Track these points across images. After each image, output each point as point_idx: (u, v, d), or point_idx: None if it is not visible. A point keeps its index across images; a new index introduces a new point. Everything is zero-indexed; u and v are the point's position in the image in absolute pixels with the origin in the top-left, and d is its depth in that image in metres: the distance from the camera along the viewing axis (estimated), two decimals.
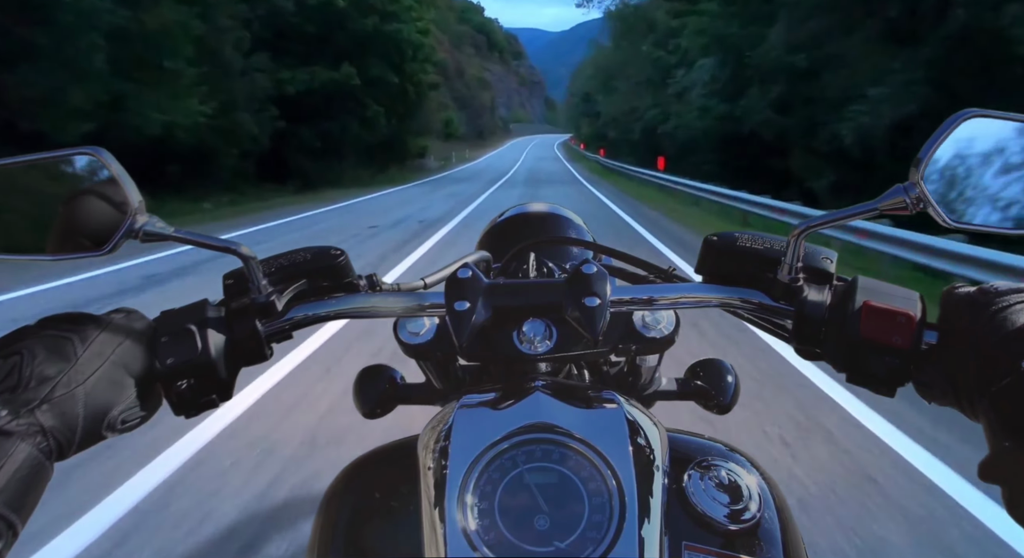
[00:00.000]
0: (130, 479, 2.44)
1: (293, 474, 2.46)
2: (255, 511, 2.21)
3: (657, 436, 0.53)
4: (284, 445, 2.69)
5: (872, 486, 2.39)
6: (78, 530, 2.12)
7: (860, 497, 2.31)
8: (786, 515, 0.56)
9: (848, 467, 2.52)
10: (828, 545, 2.03)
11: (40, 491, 0.44)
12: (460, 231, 9.55)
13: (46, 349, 0.47)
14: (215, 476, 2.46)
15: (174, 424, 2.31)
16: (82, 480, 2.41)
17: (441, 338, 0.76)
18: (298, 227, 10.74)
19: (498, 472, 0.47)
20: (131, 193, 0.52)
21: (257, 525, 2.13)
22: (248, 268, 0.57)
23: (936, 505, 2.27)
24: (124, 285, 5.95)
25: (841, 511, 2.22)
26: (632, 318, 0.72)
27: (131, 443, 2.60)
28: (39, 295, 5.57)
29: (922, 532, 2.12)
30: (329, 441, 2.72)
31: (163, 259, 7.20)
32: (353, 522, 0.59)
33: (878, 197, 0.53)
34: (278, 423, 2.91)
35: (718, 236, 0.62)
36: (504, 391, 0.56)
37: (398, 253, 7.64)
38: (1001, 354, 0.44)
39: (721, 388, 0.85)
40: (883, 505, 2.27)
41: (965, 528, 2.14)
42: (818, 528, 2.10)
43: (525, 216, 1.07)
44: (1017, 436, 0.42)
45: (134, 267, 6.78)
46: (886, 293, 0.52)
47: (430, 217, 11.62)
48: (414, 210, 13.11)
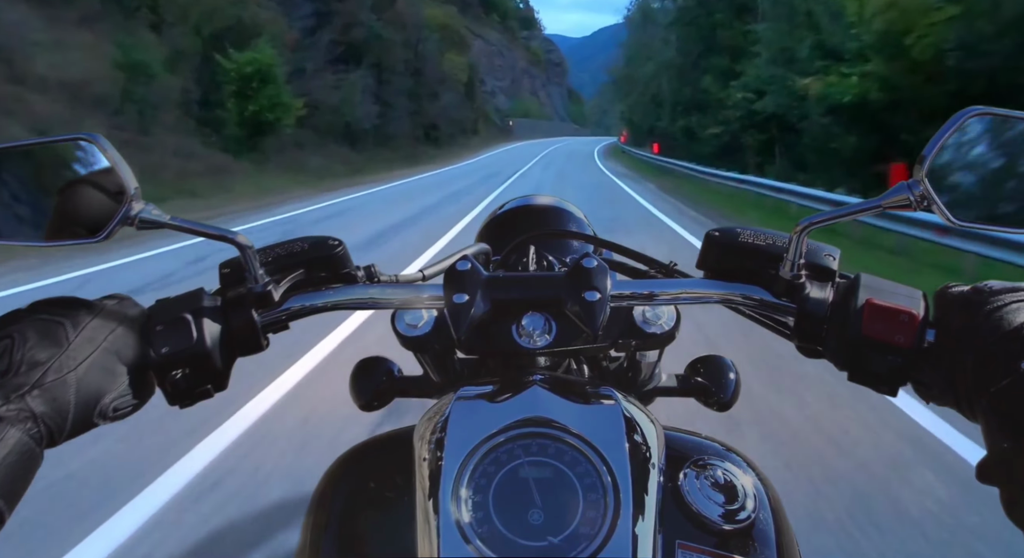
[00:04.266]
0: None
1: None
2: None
3: (654, 433, 0.53)
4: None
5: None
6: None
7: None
8: (781, 516, 0.56)
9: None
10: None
11: (30, 478, 0.44)
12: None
13: (38, 333, 0.47)
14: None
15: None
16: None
17: (439, 331, 0.75)
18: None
19: (494, 465, 0.47)
20: (127, 180, 0.52)
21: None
22: (245, 257, 0.57)
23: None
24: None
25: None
26: (632, 313, 0.72)
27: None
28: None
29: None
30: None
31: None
32: (347, 512, 0.58)
33: (882, 194, 0.53)
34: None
35: (720, 231, 0.61)
36: (502, 384, 0.56)
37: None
38: (999, 354, 0.44)
39: (722, 385, 0.85)
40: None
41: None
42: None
43: (526, 208, 1.07)
44: (1016, 437, 0.41)
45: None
46: (889, 291, 0.52)
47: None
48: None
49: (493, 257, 0.85)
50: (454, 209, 11.43)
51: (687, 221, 9.94)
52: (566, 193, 7.12)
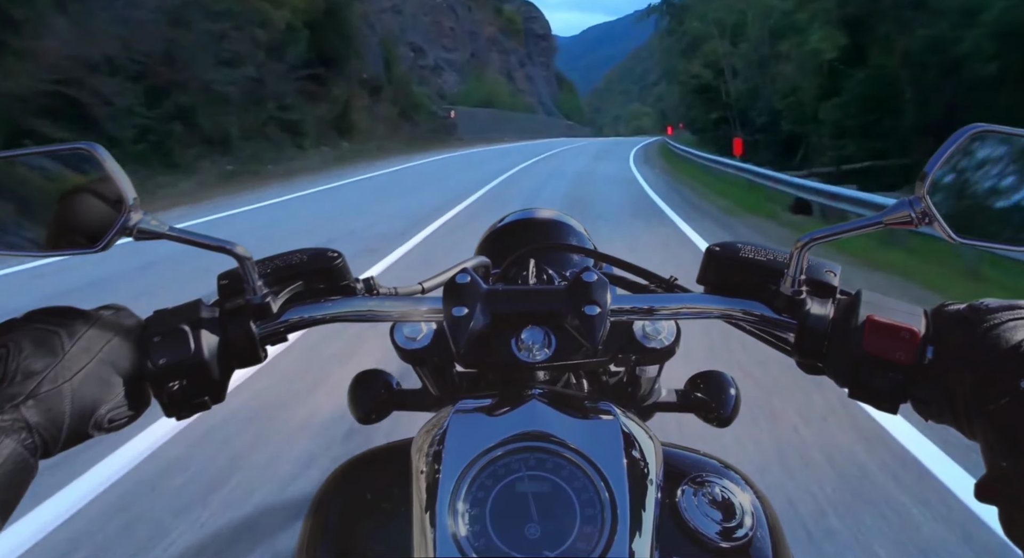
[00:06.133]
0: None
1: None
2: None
3: (652, 449, 0.53)
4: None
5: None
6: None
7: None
8: (778, 535, 0.55)
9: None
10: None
11: (24, 489, 0.43)
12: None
13: (33, 343, 0.46)
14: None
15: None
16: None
17: (438, 344, 0.75)
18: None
19: (491, 479, 0.47)
20: (126, 190, 0.52)
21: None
22: (243, 268, 0.57)
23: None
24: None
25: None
26: (632, 328, 0.72)
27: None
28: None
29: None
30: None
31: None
32: (344, 523, 0.58)
33: (883, 211, 0.53)
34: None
35: (721, 247, 0.61)
36: (500, 398, 0.55)
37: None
38: (998, 373, 0.44)
39: (721, 401, 0.84)
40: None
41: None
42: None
43: (526, 221, 1.07)
44: (1015, 456, 0.41)
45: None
46: (889, 308, 0.52)
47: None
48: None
49: (493, 270, 0.85)
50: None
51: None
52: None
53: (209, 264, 0.64)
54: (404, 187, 13.57)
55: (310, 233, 7.75)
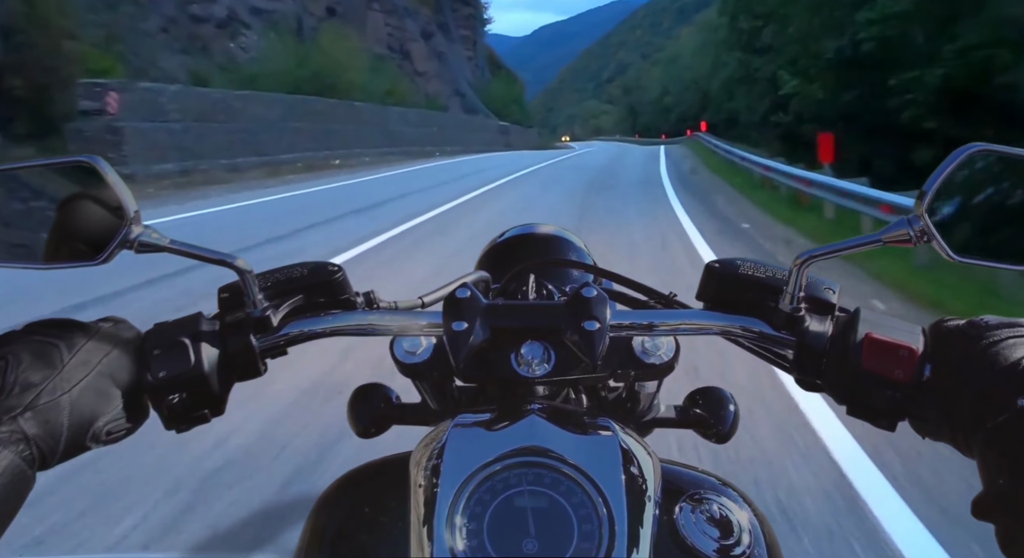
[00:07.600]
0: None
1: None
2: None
3: (650, 466, 0.52)
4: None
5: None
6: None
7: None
8: (776, 553, 0.55)
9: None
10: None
11: (21, 500, 0.43)
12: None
13: (31, 355, 0.46)
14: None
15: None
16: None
17: (438, 358, 0.75)
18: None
19: (489, 494, 0.47)
20: (127, 202, 0.52)
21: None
22: (244, 281, 0.57)
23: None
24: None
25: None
26: (632, 343, 0.72)
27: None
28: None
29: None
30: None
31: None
32: (341, 535, 0.58)
33: (882, 229, 0.53)
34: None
35: (720, 263, 0.61)
36: (499, 412, 0.55)
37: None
38: (997, 390, 0.44)
39: (720, 417, 0.84)
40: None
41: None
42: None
43: (526, 237, 1.07)
44: (1013, 473, 0.41)
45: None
46: (888, 325, 0.52)
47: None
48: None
49: (492, 285, 0.85)
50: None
51: None
52: None
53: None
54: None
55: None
